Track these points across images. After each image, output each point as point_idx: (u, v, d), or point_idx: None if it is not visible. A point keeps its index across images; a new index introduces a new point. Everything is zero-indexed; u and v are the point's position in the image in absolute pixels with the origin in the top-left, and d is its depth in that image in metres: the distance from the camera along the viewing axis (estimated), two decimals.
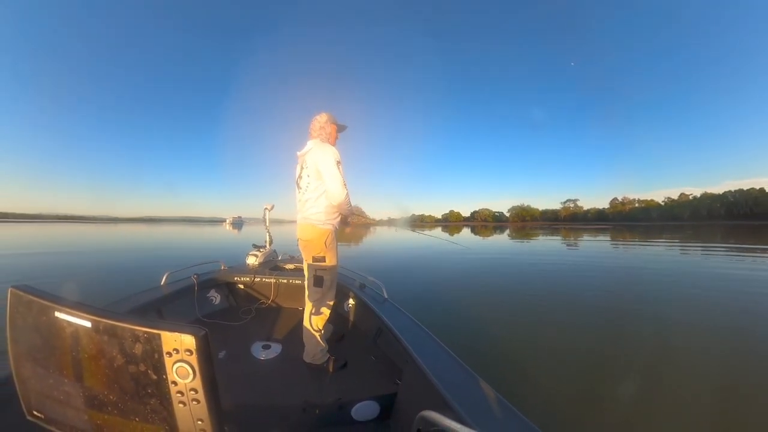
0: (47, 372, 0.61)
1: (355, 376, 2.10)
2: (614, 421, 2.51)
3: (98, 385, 0.59)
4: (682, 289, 7.13)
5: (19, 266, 9.68)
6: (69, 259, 11.57)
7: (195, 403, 0.57)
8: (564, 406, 2.69)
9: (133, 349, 0.57)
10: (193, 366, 0.56)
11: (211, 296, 3.44)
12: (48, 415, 0.63)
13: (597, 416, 2.58)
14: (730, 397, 2.84)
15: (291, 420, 1.77)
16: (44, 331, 0.60)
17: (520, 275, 8.98)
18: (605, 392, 2.94)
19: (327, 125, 2.35)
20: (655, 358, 3.64)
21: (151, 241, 21.29)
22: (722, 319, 4.98)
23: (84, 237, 24.79)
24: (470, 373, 1.49)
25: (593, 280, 8.33)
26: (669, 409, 2.65)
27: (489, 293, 6.79)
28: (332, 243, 2.27)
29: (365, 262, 11.28)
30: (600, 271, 9.81)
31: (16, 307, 0.61)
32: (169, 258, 11.80)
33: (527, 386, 2.95)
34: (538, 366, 3.42)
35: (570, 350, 3.84)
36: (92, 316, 0.58)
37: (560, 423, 2.40)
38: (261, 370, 2.24)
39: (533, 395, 2.77)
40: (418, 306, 5.30)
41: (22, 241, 19.15)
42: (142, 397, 0.58)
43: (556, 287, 7.30)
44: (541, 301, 6.13)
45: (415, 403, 1.49)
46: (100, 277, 7.85)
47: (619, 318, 5.14)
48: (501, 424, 1.14)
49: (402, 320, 2.25)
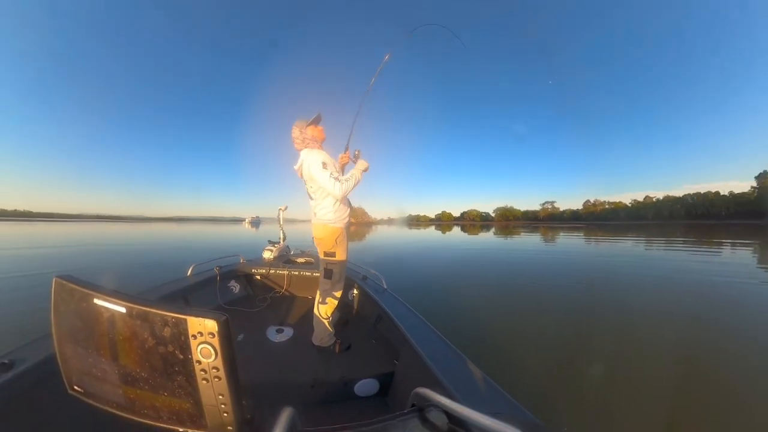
0: (86, 352, 0.61)
1: (358, 357, 2.10)
2: (584, 395, 2.51)
3: (131, 363, 0.59)
4: (646, 278, 7.12)
5: (64, 258, 9.70)
6: (107, 253, 11.58)
7: (216, 380, 0.57)
8: (539, 382, 2.69)
9: (162, 332, 0.57)
10: (215, 347, 0.56)
11: (232, 286, 3.44)
12: (87, 390, 0.63)
13: (568, 391, 2.58)
14: (687, 371, 2.85)
15: (301, 395, 1.76)
16: (84, 315, 0.60)
17: (504, 268, 8.97)
18: (576, 370, 2.93)
19: (305, 131, 2.21)
20: (622, 339, 3.65)
21: (179, 238, 21.28)
22: (680, 304, 4.99)
23: (120, 234, 24.83)
24: (459, 354, 1.49)
25: (568, 271, 8.32)
26: (632, 383, 2.65)
27: (477, 285, 6.78)
28: (342, 240, 2.23)
29: (367, 256, 11.27)
30: (574, 263, 9.80)
31: (59, 294, 0.61)
32: (194, 252, 11.81)
33: (508, 366, 2.94)
34: (518, 348, 3.42)
35: (546, 333, 3.84)
36: (127, 302, 0.58)
37: (535, 397, 2.39)
38: (275, 351, 2.24)
39: (513, 373, 2.77)
40: (414, 295, 5.29)
41: (67, 238, 19.17)
42: (170, 375, 0.58)
43: (536, 278, 7.29)
44: (521, 291, 6.12)
45: (411, 381, 1.49)
46: (134, 269, 7.86)
47: (591, 304, 5.14)
48: (486, 399, 1.14)
49: (399, 308, 2.25)
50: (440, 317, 4.18)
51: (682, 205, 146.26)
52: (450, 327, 3.69)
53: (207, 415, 0.59)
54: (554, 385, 2.65)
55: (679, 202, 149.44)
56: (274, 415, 0.61)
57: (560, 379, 2.76)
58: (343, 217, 2.23)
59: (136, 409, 0.61)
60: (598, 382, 2.70)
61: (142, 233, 26.59)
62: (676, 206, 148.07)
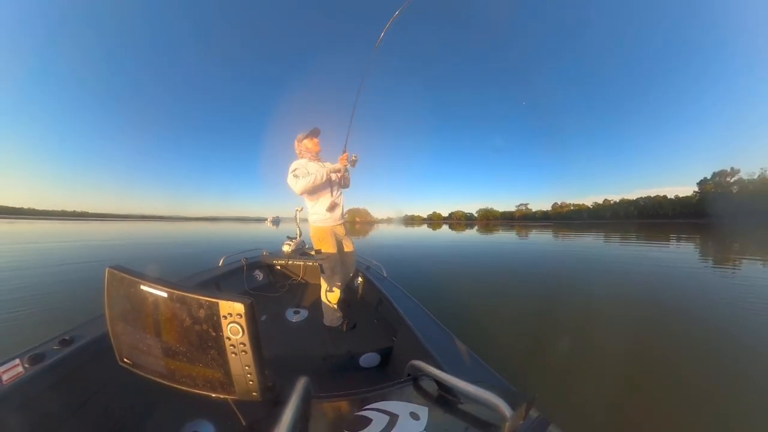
0: (134, 330, 0.61)
1: (362, 334, 2.10)
2: (551, 366, 2.51)
3: (172, 340, 0.60)
4: (604, 267, 7.10)
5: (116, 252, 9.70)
6: (152, 247, 11.58)
7: (243, 354, 0.58)
8: (514, 355, 2.69)
9: (198, 313, 0.57)
10: (243, 326, 0.56)
11: (256, 274, 3.44)
12: (135, 362, 0.64)
13: (538, 363, 2.59)
14: (638, 346, 2.85)
15: (314, 366, 1.77)
16: (132, 299, 0.60)
17: (486, 260, 8.96)
18: (546, 346, 2.93)
19: (302, 143, 2.17)
20: (584, 319, 3.64)
21: (212, 234, 21.27)
22: (634, 289, 4.97)
23: (162, 231, 24.81)
24: (447, 332, 1.49)
25: (540, 262, 8.31)
26: (593, 358, 2.65)
27: (463, 273, 6.77)
28: (325, 237, 2.16)
29: (370, 249, 11.26)
30: (544, 255, 9.78)
31: (111, 282, 0.61)
32: (224, 247, 11.79)
33: (489, 341, 2.94)
34: (497, 326, 3.42)
35: (520, 314, 3.84)
36: (168, 288, 0.58)
37: (511, 368, 2.39)
38: (292, 329, 2.24)
39: (493, 348, 2.77)
40: (410, 283, 5.27)
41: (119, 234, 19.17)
42: (205, 349, 0.59)
43: (512, 268, 7.28)
44: (500, 278, 6.12)
45: (406, 355, 1.48)
46: (175, 261, 7.86)
47: (558, 290, 5.13)
48: (470, 369, 1.14)
49: (397, 293, 2.25)
50: (432, 301, 4.17)
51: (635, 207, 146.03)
52: (440, 309, 3.64)
53: (236, 383, 0.59)
54: (527, 358, 2.65)
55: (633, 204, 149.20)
56: (291, 383, 0.61)
57: (532, 353, 2.76)
58: (323, 218, 2.16)
59: (176, 378, 0.61)
60: (564, 356, 2.70)
61: (180, 230, 26.58)
62: (630, 208, 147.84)
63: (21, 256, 8.00)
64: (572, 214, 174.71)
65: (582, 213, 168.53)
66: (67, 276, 5.33)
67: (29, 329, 2.93)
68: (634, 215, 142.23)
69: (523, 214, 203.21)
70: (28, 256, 8.00)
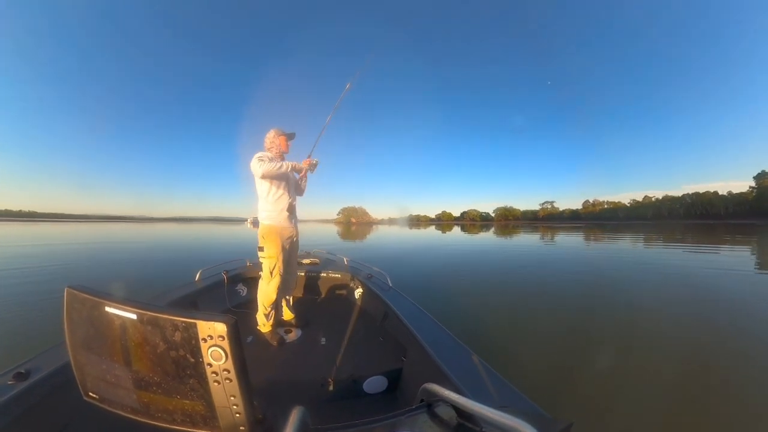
0: (100, 359, 0.61)
1: (365, 354, 2.09)
2: (589, 389, 2.50)
3: (144, 368, 0.60)
4: (647, 275, 7.09)
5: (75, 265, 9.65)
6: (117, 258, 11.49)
7: (228, 382, 0.58)
8: (545, 375, 2.68)
9: (173, 336, 0.57)
10: (225, 350, 0.56)
11: (239, 289, 3.44)
12: (102, 396, 0.64)
13: (573, 384, 2.57)
14: (689, 366, 2.83)
15: (311, 394, 1.76)
16: (96, 323, 0.60)
17: (506, 266, 8.93)
18: (581, 364, 2.92)
19: (276, 139, 2.45)
20: (625, 335, 3.63)
21: (185, 239, 21.20)
22: (682, 301, 4.95)
23: (127, 235, 24.71)
24: (465, 349, 1.48)
25: (570, 269, 8.27)
26: (637, 378, 2.64)
27: (481, 281, 6.76)
28: (269, 235, 2.35)
29: (371, 255, 11.25)
30: (575, 262, 9.75)
31: (71, 304, 0.61)
32: (201, 256, 11.76)
33: (515, 360, 2.93)
34: (523, 342, 3.41)
35: (550, 329, 3.83)
36: (137, 309, 0.58)
37: (542, 391, 2.38)
38: (284, 351, 2.24)
39: (519, 367, 2.75)
40: (419, 292, 5.27)
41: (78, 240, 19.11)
42: (182, 378, 0.59)
43: (537, 275, 7.27)
44: (524, 287, 6.10)
45: (418, 377, 1.48)
46: (143, 275, 7.84)
47: (593, 301, 5.13)
48: (493, 393, 1.13)
49: (405, 305, 2.25)
50: (446, 313, 4.17)
51: (680, 205, 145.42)
52: (456, 322, 3.68)
53: (220, 416, 0.59)
54: (560, 379, 2.65)
55: (678, 201, 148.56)
56: (285, 414, 0.61)
57: (565, 373, 2.75)
58: (269, 215, 2.37)
59: (150, 412, 0.62)
60: (603, 376, 2.69)
61: (148, 234, 26.50)
62: (675, 206, 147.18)
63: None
64: (606, 213, 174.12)
65: (618, 212, 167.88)
66: (18, 294, 5.33)
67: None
68: (680, 214, 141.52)
69: (548, 213, 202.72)
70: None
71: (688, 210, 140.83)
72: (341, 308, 3.03)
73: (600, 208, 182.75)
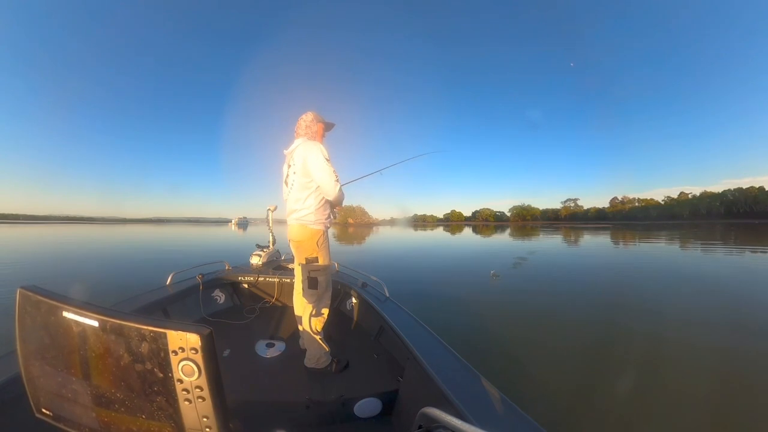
0: (55, 371, 0.61)
1: (358, 373, 2.10)
2: (609, 416, 2.51)
3: (105, 383, 0.60)
4: (680, 286, 7.09)
5: (29, 266, 9.73)
6: (78, 259, 11.62)
7: (200, 401, 0.58)
8: (561, 401, 2.68)
9: (139, 347, 0.57)
10: (199, 364, 0.56)
11: (216, 296, 3.44)
12: (56, 413, 0.64)
13: (593, 411, 2.58)
14: (726, 392, 2.82)
15: (295, 417, 1.77)
16: (52, 330, 0.60)
17: (518, 273, 8.95)
18: (601, 387, 2.93)
19: (313, 124, 2.29)
20: (652, 356, 3.62)
21: (157, 241, 21.35)
22: (719, 316, 4.94)
23: (92, 238, 24.87)
24: (470, 369, 1.49)
25: (591, 277, 8.29)
26: (665, 406, 2.63)
27: (488, 292, 6.77)
28: (324, 243, 2.21)
29: (367, 261, 11.26)
30: (598, 268, 9.77)
31: (24, 307, 0.61)
32: (174, 258, 11.83)
33: (526, 382, 2.94)
34: (537, 362, 3.41)
35: (567, 347, 3.84)
36: (99, 315, 0.58)
37: (557, 417, 2.39)
38: (265, 367, 2.24)
39: (532, 391, 2.76)
40: (420, 304, 5.29)
41: (33, 242, 19.25)
42: (149, 395, 0.59)
43: (554, 285, 7.28)
44: (539, 298, 6.11)
45: (417, 400, 1.49)
46: (108, 277, 7.88)
47: (618, 315, 5.11)
48: (500, 419, 1.14)
49: (403, 318, 2.25)
50: (448, 328, 4.17)
51: (721, 202, 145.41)
52: (459, 339, 3.69)
53: None
54: (574, 403, 2.66)
55: (718, 198, 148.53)
56: None
57: (580, 396, 2.76)
58: (323, 219, 2.21)
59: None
60: (624, 401, 2.69)
61: (116, 236, 26.66)
62: (715, 203, 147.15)
63: None
64: (637, 212, 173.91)
65: (650, 210, 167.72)
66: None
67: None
68: (721, 213, 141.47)
69: (571, 212, 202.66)
70: None
71: (730, 207, 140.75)
72: (331, 321, 3.04)
73: (630, 206, 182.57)
